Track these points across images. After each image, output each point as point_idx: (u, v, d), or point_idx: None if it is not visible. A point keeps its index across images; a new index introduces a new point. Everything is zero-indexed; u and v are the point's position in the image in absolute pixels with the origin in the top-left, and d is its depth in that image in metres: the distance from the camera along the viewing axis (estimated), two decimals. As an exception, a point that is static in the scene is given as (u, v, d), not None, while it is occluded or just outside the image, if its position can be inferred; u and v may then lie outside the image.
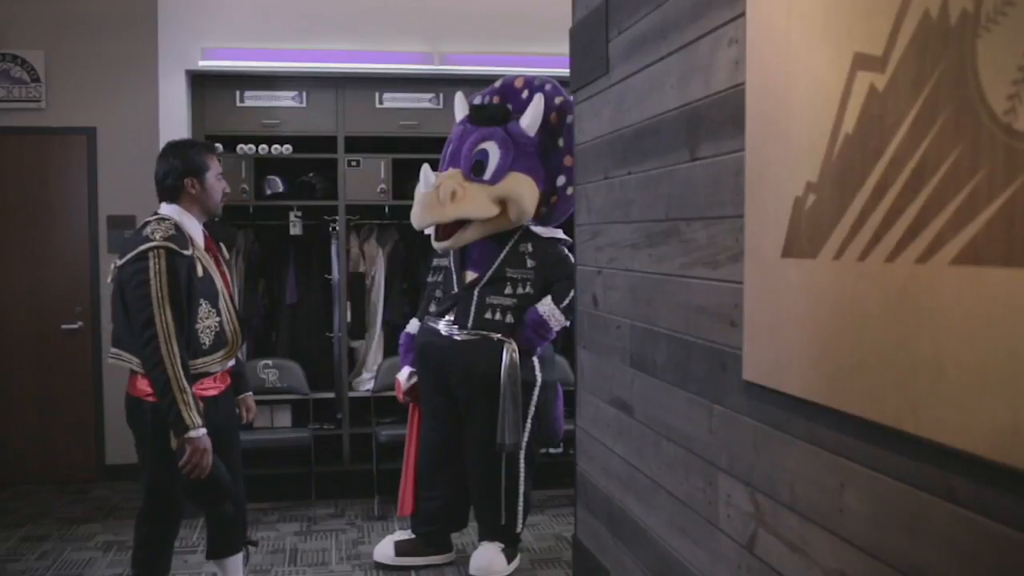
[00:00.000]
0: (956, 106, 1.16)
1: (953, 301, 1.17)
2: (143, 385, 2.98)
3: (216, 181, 3.16)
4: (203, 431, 2.89)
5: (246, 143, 5.02)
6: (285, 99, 5.10)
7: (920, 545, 1.27)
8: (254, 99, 5.08)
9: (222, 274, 3.18)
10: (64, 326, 5.39)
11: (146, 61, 5.13)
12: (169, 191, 3.10)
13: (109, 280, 3.07)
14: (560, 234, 3.94)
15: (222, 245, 3.32)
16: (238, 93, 5.05)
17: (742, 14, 1.75)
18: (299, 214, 5.11)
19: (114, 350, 3.06)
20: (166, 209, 3.09)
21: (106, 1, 5.36)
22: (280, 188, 5.13)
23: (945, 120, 1.18)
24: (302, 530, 4.61)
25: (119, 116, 5.36)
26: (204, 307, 3.02)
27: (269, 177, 5.12)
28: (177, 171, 3.08)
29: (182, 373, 2.86)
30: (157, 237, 2.91)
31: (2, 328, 5.34)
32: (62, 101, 5.34)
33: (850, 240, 1.39)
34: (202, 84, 5.03)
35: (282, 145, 5.05)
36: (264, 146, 5.02)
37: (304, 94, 5.11)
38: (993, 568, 1.14)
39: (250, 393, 3.47)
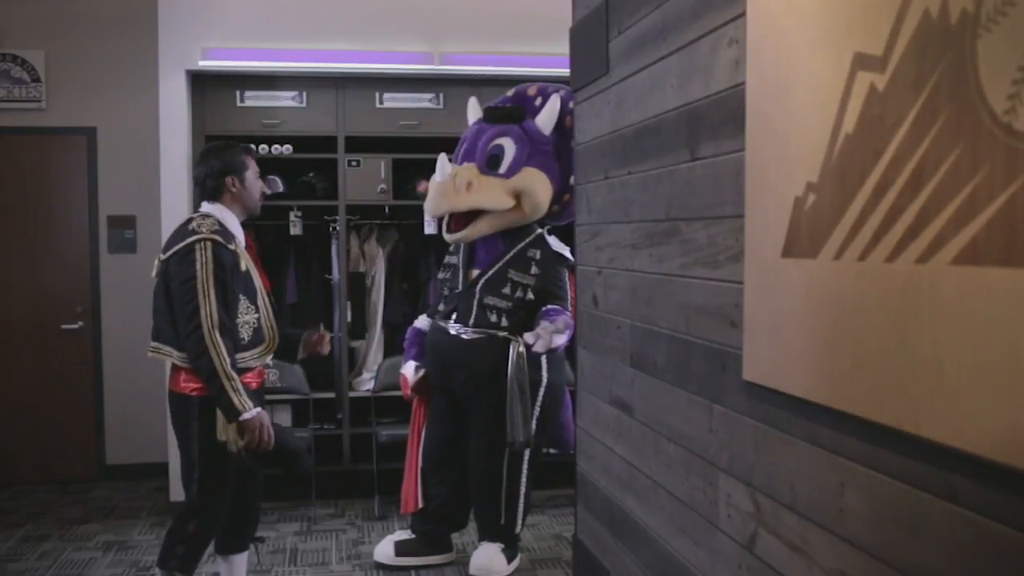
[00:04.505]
0: (956, 106, 1.16)
1: (953, 301, 1.17)
2: (187, 381, 3.03)
3: (255, 180, 3.29)
4: (256, 411, 2.99)
5: (246, 143, 5.00)
6: (285, 99, 5.10)
7: (920, 545, 1.27)
8: (254, 99, 5.08)
9: (261, 273, 3.27)
10: (64, 326, 5.39)
11: (146, 61, 5.12)
12: (211, 191, 3.21)
13: (153, 275, 3.14)
14: (568, 253, 3.86)
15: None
16: (238, 93, 5.05)
17: (742, 14, 1.75)
18: (299, 214, 5.11)
19: (154, 343, 3.12)
20: (208, 208, 3.19)
21: (106, 1, 5.36)
22: (280, 188, 5.13)
23: (945, 120, 1.18)
24: (302, 530, 4.61)
25: (119, 116, 5.36)
26: (244, 303, 3.11)
27: (269, 177, 5.10)
28: (217, 171, 3.19)
29: (228, 360, 2.94)
30: (204, 230, 3.03)
31: (2, 328, 5.34)
32: (62, 101, 5.34)
33: (850, 240, 1.39)
34: (202, 84, 5.02)
35: (282, 145, 5.05)
36: (264, 146, 5.01)
37: (304, 94, 5.11)
38: (993, 568, 1.14)
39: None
